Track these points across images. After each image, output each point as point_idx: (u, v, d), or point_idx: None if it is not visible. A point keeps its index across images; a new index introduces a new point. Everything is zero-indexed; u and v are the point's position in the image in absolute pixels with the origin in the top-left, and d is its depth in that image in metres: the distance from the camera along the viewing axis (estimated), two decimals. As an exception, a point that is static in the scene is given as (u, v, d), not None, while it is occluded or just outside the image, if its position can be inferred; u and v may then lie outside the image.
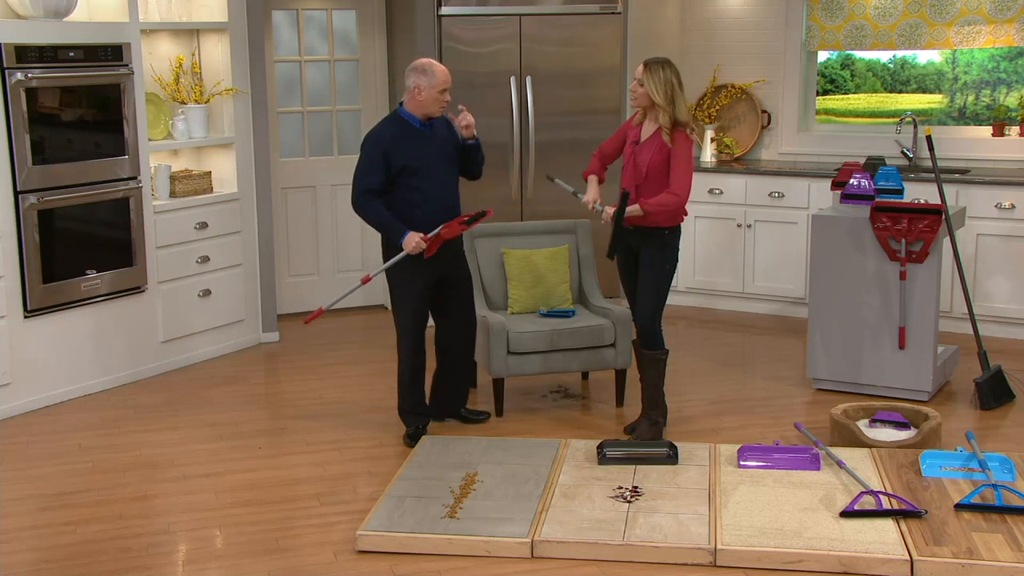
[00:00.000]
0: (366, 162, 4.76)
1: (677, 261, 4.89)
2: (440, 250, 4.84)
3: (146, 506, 4.36)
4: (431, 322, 5.04)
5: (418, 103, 4.77)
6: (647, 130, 4.80)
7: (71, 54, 5.44)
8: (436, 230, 4.80)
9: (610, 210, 4.78)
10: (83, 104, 5.59)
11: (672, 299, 7.21)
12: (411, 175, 4.77)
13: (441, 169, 4.86)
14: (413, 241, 4.72)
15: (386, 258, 4.86)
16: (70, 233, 5.59)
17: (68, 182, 5.50)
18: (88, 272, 5.63)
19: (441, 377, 5.18)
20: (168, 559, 3.94)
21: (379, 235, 4.90)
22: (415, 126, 4.81)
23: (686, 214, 4.86)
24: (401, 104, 4.85)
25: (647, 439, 4.80)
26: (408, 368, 4.95)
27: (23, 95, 5.24)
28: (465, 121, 4.85)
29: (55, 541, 4.06)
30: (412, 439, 4.93)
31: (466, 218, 4.85)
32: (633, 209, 4.70)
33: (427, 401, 5.16)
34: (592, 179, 5.02)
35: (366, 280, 4.95)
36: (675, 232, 4.82)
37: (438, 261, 4.86)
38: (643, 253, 4.82)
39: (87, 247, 5.66)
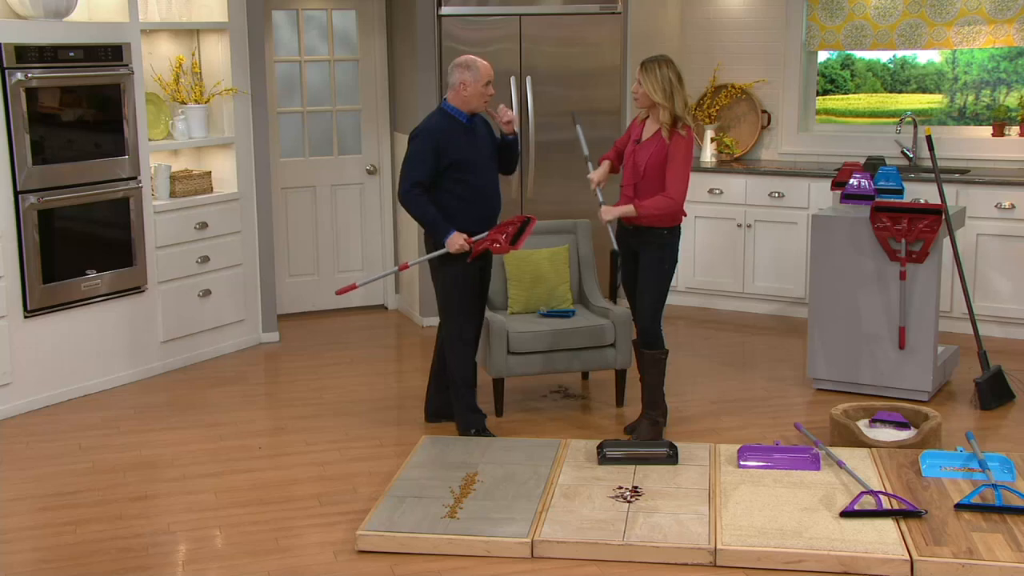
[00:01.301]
0: (417, 155, 4.75)
1: (676, 261, 4.91)
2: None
3: (146, 506, 4.36)
4: (435, 321, 5.01)
5: (464, 98, 4.79)
6: (649, 129, 4.82)
7: (71, 54, 5.44)
8: (482, 235, 4.79)
9: (610, 210, 4.79)
10: (83, 104, 5.59)
11: (672, 299, 7.20)
12: (460, 170, 4.78)
13: (486, 165, 4.88)
14: (457, 243, 4.73)
15: (429, 251, 4.87)
16: (70, 233, 5.59)
17: (68, 182, 5.50)
18: (88, 272, 5.63)
19: (443, 375, 5.11)
20: (168, 559, 3.93)
21: (415, 230, 4.86)
22: (462, 121, 4.82)
23: (685, 214, 4.86)
24: (445, 100, 4.86)
25: (647, 439, 4.80)
26: (467, 367, 4.90)
27: (23, 95, 5.24)
28: (507, 117, 4.86)
29: (55, 541, 4.06)
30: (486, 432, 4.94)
31: (512, 230, 4.81)
32: (627, 210, 4.73)
33: (426, 402, 5.17)
34: (606, 163, 5.07)
35: (404, 267, 5.02)
36: (674, 232, 4.84)
37: (482, 254, 4.87)
38: (643, 254, 4.84)
39: (87, 247, 5.66)
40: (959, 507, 4.02)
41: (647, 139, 4.79)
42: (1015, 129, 6.77)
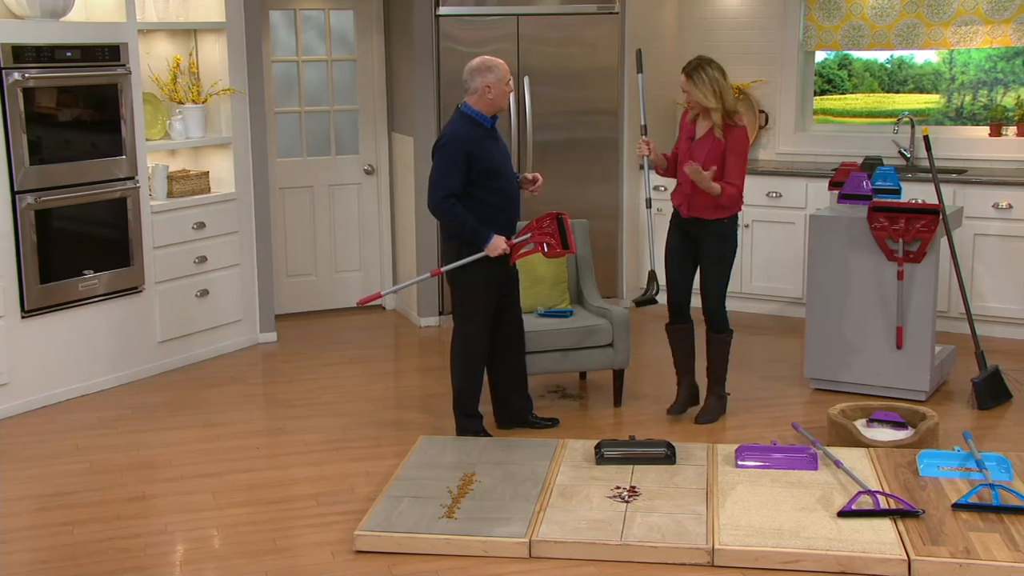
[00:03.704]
0: (448, 164, 4.64)
1: (737, 246, 5.12)
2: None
3: (143, 506, 4.36)
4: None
5: (489, 101, 4.71)
6: (702, 127, 5.00)
7: (68, 54, 5.43)
8: (523, 237, 4.78)
9: (696, 169, 4.80)
10: (80, 104, 5.58)
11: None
12: (490, 176, 4.71)
13: (509, 170, 4.84)
14: (500, 247, 4.69)
15: (455, 259, 4.76)
16: (67, 233, 5.59)
17: (65, 182, 5.50)
18: (85, 272, 5.62)
19: (503, 384, 5.04)
20: (165, 559, 3.93)
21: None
22: (487, 126, 4.74)
23: (743, 203, 5.08)
24: (466, 104, 4.75)
25: (716, 413, 5.16)
26: (474, 373, 4.86)
27: (20, 95, 5.23)
28: (535, 186, 4.89)
29: (52, 541, 4.05)
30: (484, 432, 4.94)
31: (552, 229, 4.79)
32: (710, 183, 4.82)
33: (494, 413, 5.10)
34: (662, 155, 5.19)
35: (436, 273, 4.93)
36: (734, 220, 5.06)
37: (506, 260, 4.82)
38: (705, 244, 5.04)
39: (84, 247, 5.65)
40: (956, 507, 4.02)
41: (702, 137, 4.98)
42: (1012, 129, 6.78)
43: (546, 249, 4.82)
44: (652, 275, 5.19)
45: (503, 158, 4.80)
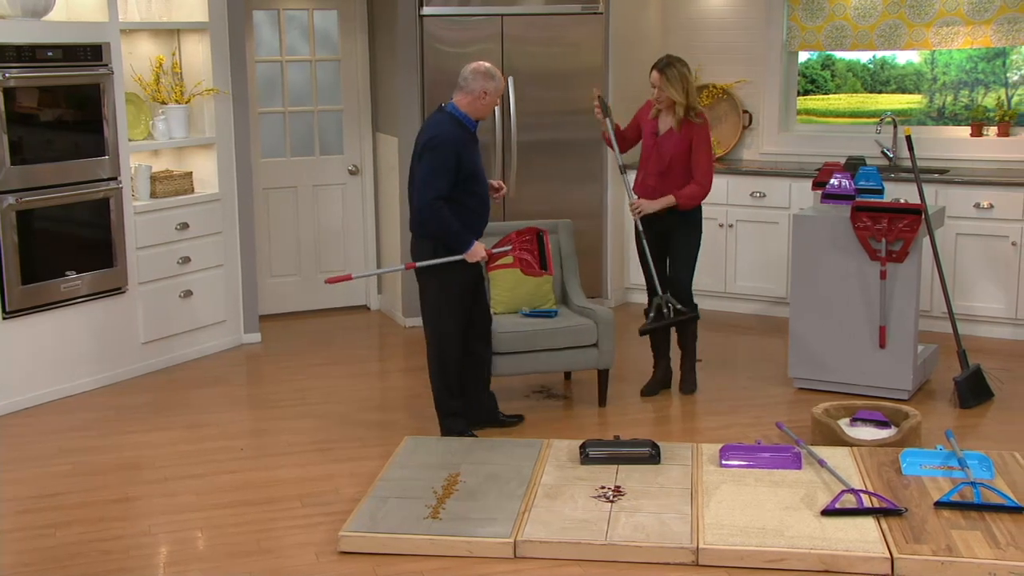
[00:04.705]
0: (438, 166, 4.59)
1: (702, 233, 5.50)
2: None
3: (127, 508, 4.34)
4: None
5: (478, 107, 4.69)
6: (665, 123, 5.31)
7: (49, 54, 5.40)
8: (502, 248, 4.81)
9: (651, 203, 5.26)
10: (62, 104, 5.55)
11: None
12: (473, 181, 4.70)
13: (484, 175, 4.83)
14: (480, 254, 4.70)
15: (430, 258, 4.73)
16: (50, 234, 5.55)
17: (47, 183, 5.47)
18: (68, 273, 5.59)
19: (473, 381, 5.03)
20: (149, 561, 3.91)
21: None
22: (471, 129, 4.72)
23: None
24: (452, 105, 4.71)
25: (695, 383, 5.58)
26: (450, 374, 4.85)
27: (1, 95, 5.20)
28: (498, 193, 4.94)
29: (35, 544, 4.03)
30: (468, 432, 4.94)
31: (532, 245, 4.84)
32: (668, 200, 5.26)
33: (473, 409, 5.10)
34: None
35: (410, 267, 4.85)
36: (699, 210, 5.43)
37: (480, 265, 4.83)
38: (677, 234, 5.38)
39: (67, 248, 5.62)
40: (939, 505, 4.04)
41: (666, 132, 5.30)
42: (993, 129, 6.82)
43: (529, 270, 4.87)
44: (651, 301, 5.48)
45: (481, 162, 4.82)
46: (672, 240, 5.40)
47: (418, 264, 4.78)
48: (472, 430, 4.98)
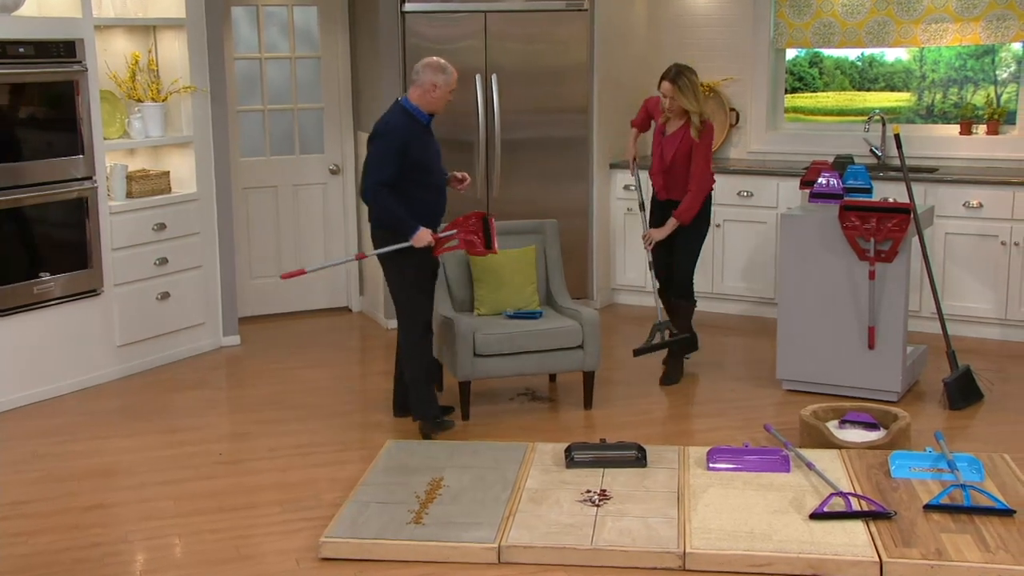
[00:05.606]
0: (382, 153, 4.75)
1: (709, 224, 5.74)
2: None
3: (103, 515, 4.26)
4: (393, 324, 5.02)
5: (429, 100, 4.83)
6: (673, 124, 5.59)
7: (21, 50, 5.31)
8: (448, 232, 4.89)
9: (660, 231, 5.62)
10: (35, 102, 5.46)
11: (642, 300, 7.20)
12: (422, 171, 4.83)
13: (438, 166, 4.97)
14: (425, 239, 4.79)
15: (380, 247, 4.89)
16: (22, 235, 5.46)
17: (20, 182, 5.37)
18: (41, 275, 5.50)
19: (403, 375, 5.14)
20: (126, 569, 3.84)
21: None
22: (423, 122, 4.86)
23: (714, 182, 5.69)
24: (406, 99, 4.86)
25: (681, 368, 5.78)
26: (417, 356, 4.95)
27: (-27, 92, 5.12)
28: (462, 185, 5.05)
29: (7, 552, 3.95)
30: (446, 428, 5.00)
31: (477, 227, 4.92)
32: (673, 224, 5.58)
33: (393, 398, 5.17)
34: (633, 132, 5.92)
35: (361, 256, 5.16)
36: (708, 201, 5.66)
37: (431, 251, 4.92)
38: (686, 225, 5.59)
39: (40, 249, 5.53)
40: (928, 508, 4.01)
41: (673, 132, 5.58)
42: (982, 127, 6.79)
43: (474, 249, 4.96)
44: (655, 327, 5.65)
45: (435, 155, 4.92)
46: (679, 230, 5.63)
47: (368, 253, 5.00)
48: (398, 417, 5.16)
